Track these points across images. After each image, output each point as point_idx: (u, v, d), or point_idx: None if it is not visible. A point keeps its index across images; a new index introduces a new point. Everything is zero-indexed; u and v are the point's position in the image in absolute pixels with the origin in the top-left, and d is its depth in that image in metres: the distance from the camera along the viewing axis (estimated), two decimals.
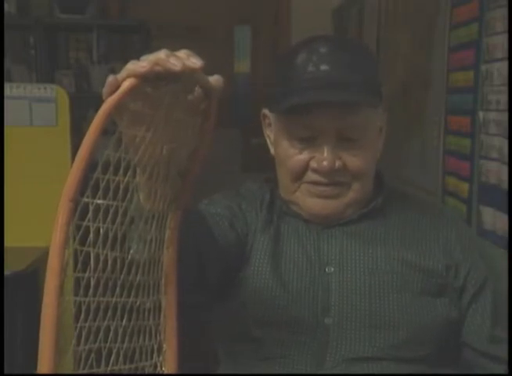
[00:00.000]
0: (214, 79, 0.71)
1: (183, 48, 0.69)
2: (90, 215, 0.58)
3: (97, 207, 0.59)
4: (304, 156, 1.04)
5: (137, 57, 0.65)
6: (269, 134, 1.12)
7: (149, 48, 3.09)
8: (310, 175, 1.05)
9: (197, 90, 0.70)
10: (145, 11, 3.48)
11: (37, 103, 2.46)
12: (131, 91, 0.63)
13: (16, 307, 2.28)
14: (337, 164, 1.03)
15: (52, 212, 0.60)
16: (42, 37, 3.34)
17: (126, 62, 0.65)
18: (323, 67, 1.00)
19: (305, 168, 1.05)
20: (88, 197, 0.58)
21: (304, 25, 2.92)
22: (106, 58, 3.48)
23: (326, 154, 1.02)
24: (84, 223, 0.57)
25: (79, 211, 0.58)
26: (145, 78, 0.64)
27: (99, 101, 0.64)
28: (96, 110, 0.62)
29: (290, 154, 1.05)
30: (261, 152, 1.15)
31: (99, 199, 0.59)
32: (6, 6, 3.18)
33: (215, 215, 1.07)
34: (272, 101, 1.07)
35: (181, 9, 3.54)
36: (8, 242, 2.24)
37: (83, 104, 3.01)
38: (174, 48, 0.68)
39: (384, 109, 1.09)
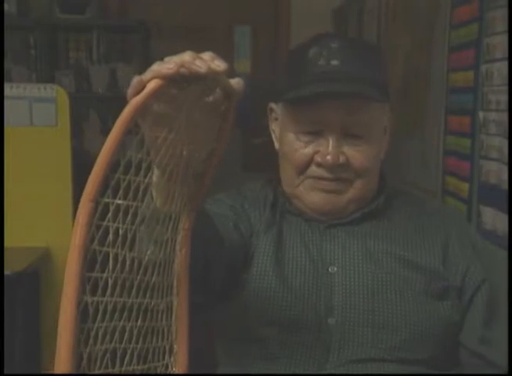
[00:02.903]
0: (236, 82, 0.71)
1: (183, 48, 0.69)
2: (110, 215, 0.58)
3: (117, 208, 0.59)
4: (308, 150, 1.05)
5: (137, 57, 0.65)
6: (275, 128, 1.13)
7: (148, 48, 3.09)
8: (314, 170, 1.06)
9: (218, 92, 0.70)
10: (145, 11, 3.47)
11: (37, 102, 2.45)
12: (156, 92, 0.63)
13: (16, 307, 2.28)
14: (341, 159, 1.04)
15: (52, 212, 0.60)
16: (42, 37, 3.34)
17: (126, 62, 0.65)
18: (334, 62, 1.02)
19: (309, 162, 1.06)
20: (108, 197, 0.59)
21: (304, 25, 2.92)
22: (106, 58, 3.47)
23: (330, 148, 1.03)
24: (104, 223, 0.57)
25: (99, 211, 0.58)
26: (170, 80, 0.64)
27: (99, 101, 0.65)
28: (97, 109, 0.62)
29: (295, 148, 1.06)
30: (262, 152, 1.16)
31: (119, 199, 0.59)
32: (6, 6, 3.17)
33: (220, 215, 1.07)
34: (280, 92, 1.08)
35: (181, 9, 3.53)
36: (8, 242, 2.24)
37: (83, 104, 3.01)
38: (174, 48, 0.69)
39: (390, 109, 1.10)
